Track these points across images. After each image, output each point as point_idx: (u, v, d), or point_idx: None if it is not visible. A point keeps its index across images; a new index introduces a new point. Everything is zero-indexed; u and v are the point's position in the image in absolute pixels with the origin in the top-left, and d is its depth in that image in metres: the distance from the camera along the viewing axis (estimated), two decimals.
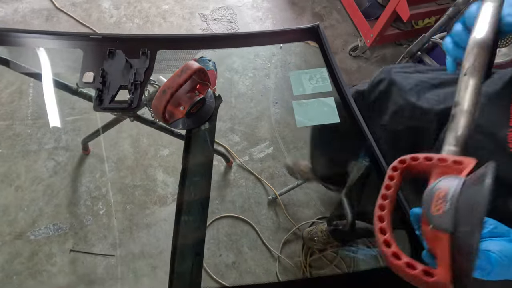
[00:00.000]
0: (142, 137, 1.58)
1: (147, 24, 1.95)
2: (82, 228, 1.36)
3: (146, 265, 1.33)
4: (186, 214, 0.63)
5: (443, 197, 0.34)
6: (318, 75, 0.81)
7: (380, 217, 0.38)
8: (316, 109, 0.76)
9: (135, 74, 0.76)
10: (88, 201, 1.42)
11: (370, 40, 1.80)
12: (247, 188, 1.53)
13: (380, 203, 0.39)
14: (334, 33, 2.09)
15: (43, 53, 0.83)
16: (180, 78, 0.64)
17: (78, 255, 1.31)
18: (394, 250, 0.35)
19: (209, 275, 1.33)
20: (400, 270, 0.34)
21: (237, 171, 1.56)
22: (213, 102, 0.77)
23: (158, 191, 1.48)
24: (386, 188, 0.40)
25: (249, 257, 1.39)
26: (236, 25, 2.03)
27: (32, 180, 1.42)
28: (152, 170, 1.52)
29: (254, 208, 1.49)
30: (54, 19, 1.88)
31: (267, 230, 1.45)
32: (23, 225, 1.34)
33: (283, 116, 1.73)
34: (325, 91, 0.80)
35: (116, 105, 0.73)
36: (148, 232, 1.39)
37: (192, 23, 1.99)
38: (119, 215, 1.40)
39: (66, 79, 1.04)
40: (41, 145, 1.50)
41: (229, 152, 1.60)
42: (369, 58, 1.98)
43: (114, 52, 0.78)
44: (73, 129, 1.55)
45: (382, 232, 0.37)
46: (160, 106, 0.64)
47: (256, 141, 1.64)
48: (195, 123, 0.74)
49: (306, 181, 1.46)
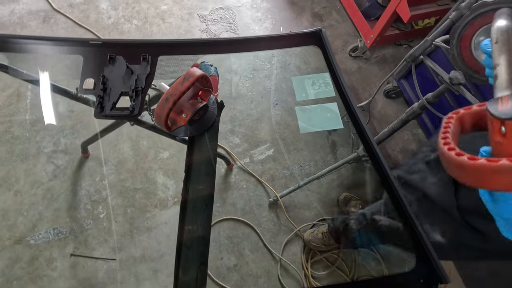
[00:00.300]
0: (142, 140, 1.58)
1: (146, 25, 1.93)
2: (83, 232, 1.35)
3: (148, 268, 1.32)
4: (190, 223, 0.63)
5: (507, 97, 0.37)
6: (321, 80, 0.80)
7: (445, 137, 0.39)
8: (320, 115, 0.76)
9: (136, 80, 0.75)
10: (88, 204, 1.41)
11: (370, 40, 1.80)
12: (248, 191, 1.53)
13: (443, 135, 0.39)
14: (333, 33, 2.08)
15: (42, 59, 0.82)
16: (182, 85, 0.64)
17: (79, 259, 1.31)
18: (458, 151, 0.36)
19: (210, 278, 1.33)
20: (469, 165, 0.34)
21: (237, 174, 1.56)
22: (215, 108, 0.77)
23: (158, 194, 1.47)
24: (444, 132, 0.40)
25: (250, 259, 1.39)
26: (235, 26, 2.01)
27: (31, 184, 1.41)
28: (152, 173, 1.51)
29: (255, 211, 1.49)
30: (52, 20, 1.86)
31: (268, 232, 1.45)
32: (23, 230, 1.33)
33: (283, 117, 1.72)
34: (328, 96, 0.80)
35: (117, 112, 0.73)
36: (149, 236, 1.38)
37: (191, 23, 1.98)
38: (119, 219, 1.40)
39: (65, 84, 1.03)
40: (40, 148, 1.49)
41: (230, 154, 1.60)
42: (369, 59, 1.98)
43: (115, 58, 0.77)
44: (72, 133, 1.54)
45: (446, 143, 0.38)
46: (163, 115, 0.63)
47: (256, 143, 1.64)
48: (197, 130, 0.74)
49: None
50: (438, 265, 0.53)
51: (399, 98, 1.84)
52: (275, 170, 1.58)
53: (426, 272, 0.54)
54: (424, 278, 0.53)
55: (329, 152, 1.66)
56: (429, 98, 1.15)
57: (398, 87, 1.75)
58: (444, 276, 0.52)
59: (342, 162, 1.42)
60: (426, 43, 1.11)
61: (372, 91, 1.81)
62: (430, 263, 0.55)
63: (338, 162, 1.44)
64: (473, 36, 0.97)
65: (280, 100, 1.77)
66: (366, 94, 1.86)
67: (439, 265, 0.53)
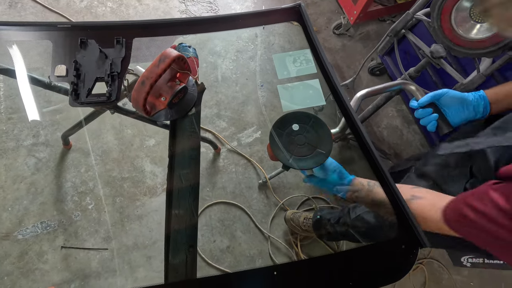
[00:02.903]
0: (126, 128, 1.54)
1: (121, 7, 1.84)
2: (72, 224, 1.34)
3: (141, 256, 1.33)
4: (177, 207, 0.63)
5: None
6: (302, 57, 0.79)
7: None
8: (302, 92, 0.75)
9: (111, 64, 0.72)
10: (76, 196, 1.39)
11: (353, 17, 1.77)
12: (237, 174, 1.53)
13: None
14: (316, 10, 2.04)
15: (10, 45, 0.77)
16: (158, 67, 0.61)
17: (70, 251, 1.30)
18: None
19: (204, 261, 1.35)
20: None
21: (226, 157, 1.56)
22: (195, 90, 0.75)
23: (147, 182, 1.46)
24: None
25: (243, 240, 1.42)
26: (216, 6, 1.94)
27: (13, 179, 1.37)
28: (139, 161, 1.49)
29: (245, 193, 1.50)
30: (19, 5, 1.74)
31: (259, 213, 1.47)
32: (9, 225, 1.30)
33: (269, 99, 1.71)
34: (310, 73, 0.79)
35: (94, 99, 0.70)
36: (140, 224, 1.38)
37: (169, 5, 1.89)
38: (109, 209, 1.39)
39: (38, 73, 0.98)
40: (19, 141, 1.43)
41: (218, 137, 1.58)
42: (353, 36, 1.96)
43: (86, 42, 0.73)
44: (51, 124, 1.48)
45: None
46: (140, 98, 0.61)
47: (243, 126, 1.63)
48: (178, 113, 0.72)
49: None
50: (419, 231, 0.55)
51: (383, 75, 1.85)
52: (263, 152, 1.58)
53: (407, 239, 0.56)
54: (406, 244, 0.55)
55: None
56: (411, 73, 1.15)
57: (382, 64, 1.75)
58: (424, 241, 0.54)
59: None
60: (408, 16, 1.10)
61: (357, 69, 1.80)
62: (412, 230, 0.57)
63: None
64: (453, 9, 0.97)
65: (266, 81, 1.75)
66: (351, 72, 1.86)
67: (420, 231, 0.55)
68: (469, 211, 0.48)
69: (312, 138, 0.64)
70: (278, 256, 1.41)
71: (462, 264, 0.99)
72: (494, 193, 0.45)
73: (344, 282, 0.53)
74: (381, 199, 0.61)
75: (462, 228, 0.51)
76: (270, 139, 0.63)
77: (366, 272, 0.55)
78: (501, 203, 0.43)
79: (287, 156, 0.62)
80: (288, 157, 0.62)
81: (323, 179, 0.65)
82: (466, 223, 0.49)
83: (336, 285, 0.53)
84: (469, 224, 0.48)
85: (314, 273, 0.55)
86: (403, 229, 0.56)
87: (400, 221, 0.57)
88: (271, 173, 1.49)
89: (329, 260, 0.60)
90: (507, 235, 0.43)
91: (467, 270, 1.49)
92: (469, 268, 1.48)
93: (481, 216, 0.45)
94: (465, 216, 0.48)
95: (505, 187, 0.45)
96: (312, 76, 0.79)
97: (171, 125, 0.73)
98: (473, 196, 0.49)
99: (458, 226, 0.51)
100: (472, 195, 0.50)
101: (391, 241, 0.58)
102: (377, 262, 0.56)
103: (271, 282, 0.54)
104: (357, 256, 0.58)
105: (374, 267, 0.56)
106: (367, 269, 0.56)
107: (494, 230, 0.44)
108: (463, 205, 0.50)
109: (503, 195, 0.44)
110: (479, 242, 0.48)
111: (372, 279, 0.54)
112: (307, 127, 0.65)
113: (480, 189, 0.49)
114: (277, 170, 1.47)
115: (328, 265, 0.57)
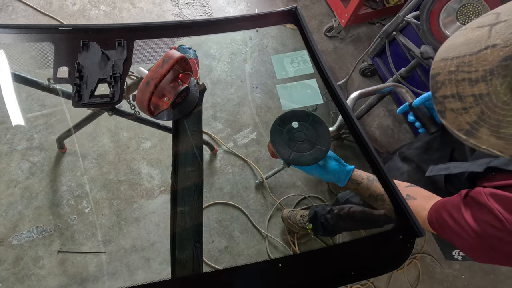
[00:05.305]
0: (121, 131, 1.54)
1: (115, 10, 1.84)
2: (68, 228, 1.33)
3: (139, 258, 1.33)
4: (182, 205, 0.64)
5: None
6: (300, 58, 0.82)
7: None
8: (300, 92, 0.78)
9: (113, 66, 0.73)
10: (72, 200, 1.37)
11: (344, 20, 1.82)
12: (234, 175, 1.55)
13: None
14: (308, 14, 2.09)
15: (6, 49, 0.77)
16: (162, 68, 0.63)
17: (67, 255, 1.29)
18: None
19: (203, 261, 1.36)
20: None
21: (222, 159, 1.57)
22: (197, 90, 0.76)
23: (144, 184, 1.46)
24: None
25: (241, 240, 1.43)
26: (209, 9, 1.97)
27: (7, 183, 1.35)
28: (135, 163, 1.49)
29: (242, 193, 1.51)
30: (9, 8, 1.72)
31: (256, 213, 1.49)
32: (3, 231, 1.28)
33: (264, 100, 1.74)
34: (307, 73, 0.82)
35: (97, 100, 0.71)
36: (137, 226, 1.38)
37: (163, 8, 1.91)
38: (106, 212, 1.38)
39: (33, 75, 0.98)
40: (13, 146, 1.41)
41: (214, 139, 1.60)
42: (344, 38, 2.01)
43: (88, 44, 0.74)
44: (45, 128, 1.47)
45: None
46: (145, 99, 0.63)
47: (239, 127, 1.65)
48: (181, 113, 0.73)
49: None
50: (415, 222, 0.58)
51: (374, 76, 1.90)
52: (259, 152, 1.60)
53: (404, 229, 0.59)
54: (403, 234, 0.58)
55: None
56: (402, 73, 1.20)
57: (373, 65, 1.80)
58: (420, 231, 0.57)
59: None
60: (398, 19, 1.15)
61: (349, 70, 1.85)
62: (408, 221, 0.60)
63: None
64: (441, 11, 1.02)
65: (260, 83, 1.78)
66: (343, 73, 1.91)
67: (416, 221, 0.58)
68: (447, 217, 0.57)
69: (311, 135, 0.67)
70: (276, 255, 1.43)
71: (453, 258, 1.03)
72: (466, 211, 0.55)
73: (346, 271, 0.55)
74: (379, 193, 0.64)
75: (441, 229, 0.60)
76: (271, 136, 0.65)
77: (367, 261, 0.58)
78: (469, 221, 0.53)
79: (288, 152, 0.64)
80: (289, 154, 0.64)
81: (323, 165, 0.67)
82: (445, 226, 0.58)
83: (339, 275, 0.56)
84: (448, 228, 0.57)
85: (318, 265, 0.57)
86: (401, 221, 0.59)
87: (398, 213, 0.60)
88: (267, 173, 1.52)
89: (331, 251, 0.62)
90: (473, 242, 0.53)
91: (458, 264, 1.54)
92: (460, 261, 1.54)
93: (457, 224, 0.55)
94: (445, 220, 0.58)
95: (473, 208, 0.55)
96: (309, 76, 0.82)
97: (173, 125, 0.75)
98: (451, 204, 0.58)
99: (438, 228, 0.60)
100: (450, 202, 0.59)
101: (389, 232, 0.60)
102: (377, 251, 0.59)
103: (276, 274, 0.56)
104: (357, 246, 0.61)
105: (374, 256, 0.59)
106: (368, 258, 0.59)
107: (465, 237, 0.54)
108: (443, 210, 0.59)
109: (472, 217, 0.54)
110: (455, 242, 0.57)
111: (372, 267, 0.56)
112: (307, 124, 0.67)
113: (455, 200, 0.58)
114: (273, 170, 1.50)
115: (331, 256, 0.60)
